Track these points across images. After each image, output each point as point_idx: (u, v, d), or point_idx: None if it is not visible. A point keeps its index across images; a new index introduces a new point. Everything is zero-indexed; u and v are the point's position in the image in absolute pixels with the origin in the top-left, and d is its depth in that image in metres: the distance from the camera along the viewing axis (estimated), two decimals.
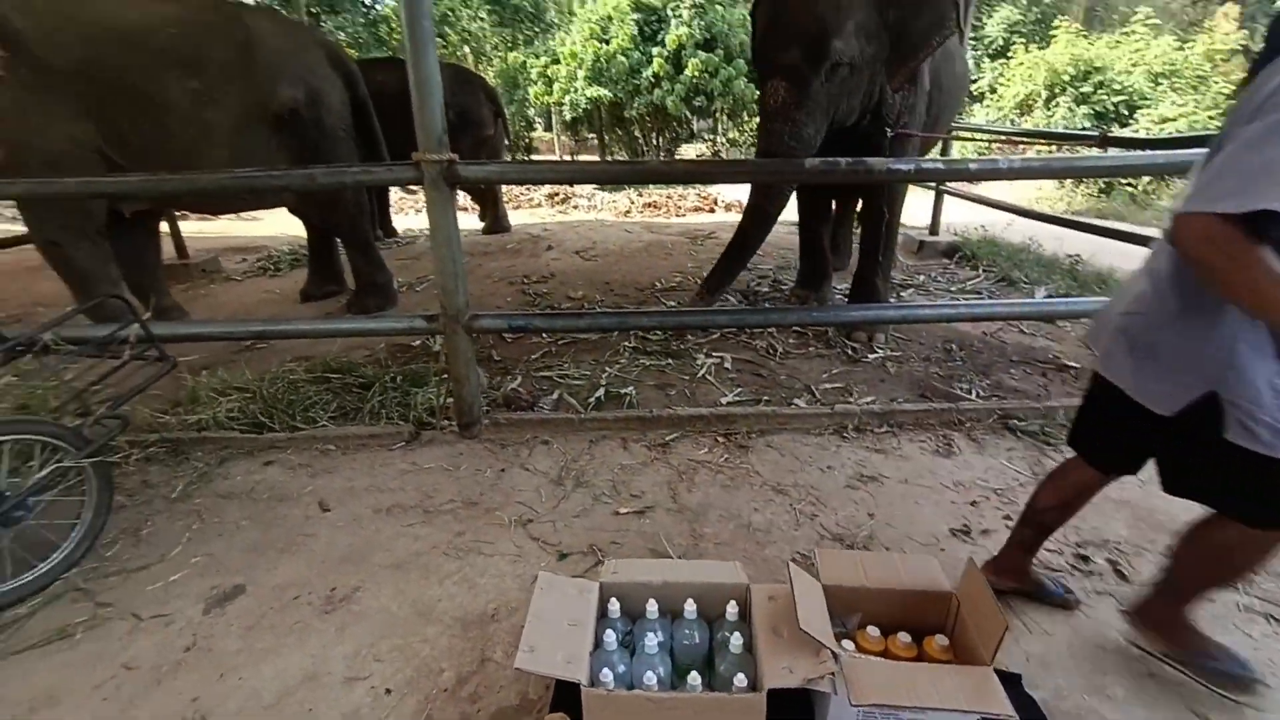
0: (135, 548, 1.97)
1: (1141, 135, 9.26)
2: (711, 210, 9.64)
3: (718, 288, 3.45)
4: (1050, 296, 4.23)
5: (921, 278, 4.92)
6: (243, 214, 7.59)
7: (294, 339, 2.74)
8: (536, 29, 20.44)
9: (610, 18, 16.39)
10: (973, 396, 2.95)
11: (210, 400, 2.64)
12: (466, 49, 18.83)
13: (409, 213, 8.77)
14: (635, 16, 16.13)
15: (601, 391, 2.95)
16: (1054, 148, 8.77)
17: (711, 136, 22.23)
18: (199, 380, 2.75)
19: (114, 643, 1.62)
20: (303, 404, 2.69)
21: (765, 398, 2.97)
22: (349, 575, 1.85)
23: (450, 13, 18.05)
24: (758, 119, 3.20)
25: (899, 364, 3.36)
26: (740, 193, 11.18)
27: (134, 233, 3.64)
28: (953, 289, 4.64)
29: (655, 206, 9.79)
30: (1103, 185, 9.79)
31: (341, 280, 4.63)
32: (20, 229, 4.13)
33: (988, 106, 13.74)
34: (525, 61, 17.74)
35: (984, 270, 5.02)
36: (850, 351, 3.51)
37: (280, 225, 6.73)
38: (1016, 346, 3.62)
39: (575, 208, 10.80)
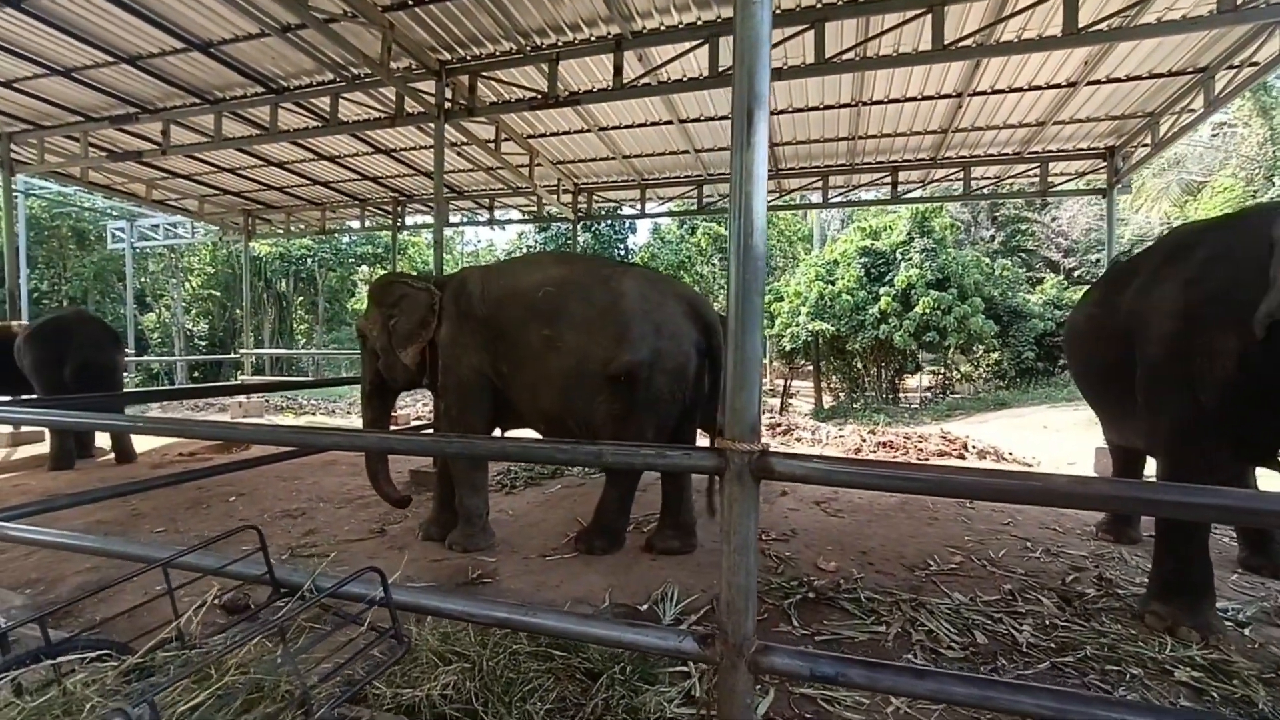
0: None
1: None
2: (961, 457, 8.37)
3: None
4: None
5: None
6: None
7: (540, 634, 2.37)
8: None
9: (837, 262, 17.25)
10: None
11: (430, 666, 2.32)
12: (696, 289, 21.06)
13: None
14: (863, 260, 16.77)
15: None
16: None
17: (937, 369, 21.13)
18: (419, 635, 2.50)
19: None
20: (521, 688, 2.25)
21: None
22: None
23: (688, 260, 20.69)
24: None
25: None
26: (996, 437, 9.72)
27: None
28: None
29: (890, 447, 8.85)
30: None
31: (690, 539, 4.04)
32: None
33: None
34: None
35: None
36: None
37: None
38: None
39: (798, 440, 10.25)
